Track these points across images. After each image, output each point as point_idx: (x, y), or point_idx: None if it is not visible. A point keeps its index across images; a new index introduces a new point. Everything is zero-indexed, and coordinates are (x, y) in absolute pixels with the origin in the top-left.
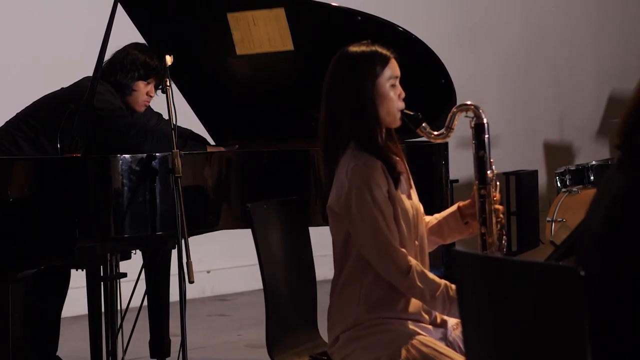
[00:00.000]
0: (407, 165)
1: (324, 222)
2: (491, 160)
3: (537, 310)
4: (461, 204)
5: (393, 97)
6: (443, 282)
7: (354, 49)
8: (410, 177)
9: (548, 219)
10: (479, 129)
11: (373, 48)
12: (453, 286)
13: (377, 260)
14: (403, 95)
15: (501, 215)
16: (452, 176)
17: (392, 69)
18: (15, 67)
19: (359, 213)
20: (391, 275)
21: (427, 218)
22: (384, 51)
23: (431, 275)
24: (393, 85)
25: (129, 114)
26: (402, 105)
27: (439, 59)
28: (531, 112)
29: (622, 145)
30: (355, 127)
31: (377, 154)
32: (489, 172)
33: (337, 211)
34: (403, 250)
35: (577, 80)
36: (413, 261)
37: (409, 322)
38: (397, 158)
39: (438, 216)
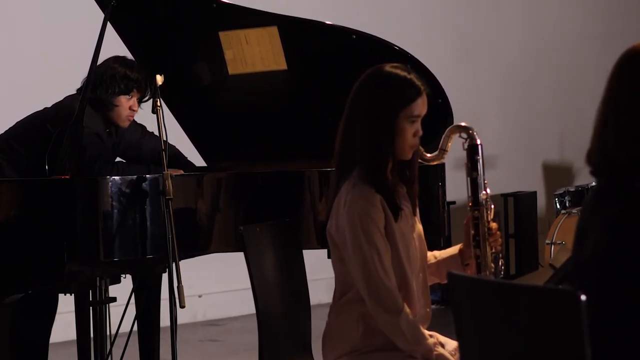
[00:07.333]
0: (417, 194)
1: (318, 245)
2: (485, 182)
3: (536, 335)
4: (462, 246)
5: (408, 133)
6: (432, 341)
7: (390, 69)
8: (417, 206)
9: (547, 241)
10: (472, 150)
11: (408, 77)
12: (441, 350)
13: (366, 298)
14: (420, 134)
15: (494, 243)
16: (448, 198)
17: (418, 106)
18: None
19: (352, 250)
20: (378, 315)
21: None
22: (418, 83)
23: (422, 330)
24: (413, 122)
25: (113, 130)
26: (416, 142)
27: (436, 78)
28: (530, 132)
29: (598, 171)
30: (362, 150)
31: (377, 186)
32: (481, 194)
33: (336, 241)
34: (395, 292)
35: (578, 100)
36: (406, 308)
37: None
38: (401, 189)
39: (437, 255)
